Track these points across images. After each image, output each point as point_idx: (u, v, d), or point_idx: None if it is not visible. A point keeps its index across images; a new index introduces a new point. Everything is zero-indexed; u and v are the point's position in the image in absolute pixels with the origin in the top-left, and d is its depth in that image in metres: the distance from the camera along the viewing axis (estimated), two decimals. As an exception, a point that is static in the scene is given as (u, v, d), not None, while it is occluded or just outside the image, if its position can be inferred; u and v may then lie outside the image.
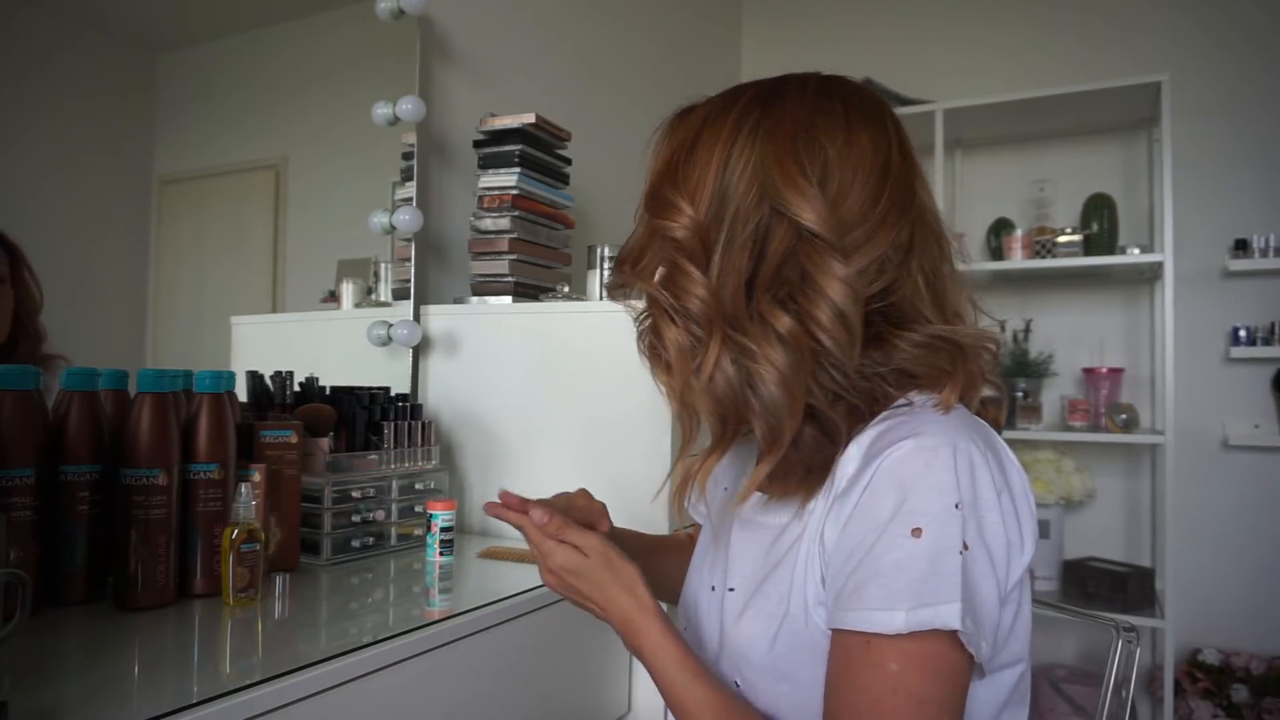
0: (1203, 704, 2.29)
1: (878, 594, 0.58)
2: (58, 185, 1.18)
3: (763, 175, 0.66)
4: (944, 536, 0.58)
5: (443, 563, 1.18)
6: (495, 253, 1.52)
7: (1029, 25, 2.80)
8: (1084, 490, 2.52)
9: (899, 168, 0.69)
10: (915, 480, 0.60)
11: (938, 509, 0.58)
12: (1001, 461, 0.64)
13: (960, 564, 0.57)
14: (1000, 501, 0.61)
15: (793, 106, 0.69)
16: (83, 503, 0.92)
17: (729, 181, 0.67)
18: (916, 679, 0.56)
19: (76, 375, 0.94)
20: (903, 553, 0.58)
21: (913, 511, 0.59)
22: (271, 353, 1.38)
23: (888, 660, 0.57)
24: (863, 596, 0.59)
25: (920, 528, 0.58)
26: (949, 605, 0.56)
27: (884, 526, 0.59)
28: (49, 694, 0.68)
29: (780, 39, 3.23)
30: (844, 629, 0.59)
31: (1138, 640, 1.14)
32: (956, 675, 0.58)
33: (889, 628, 0.57)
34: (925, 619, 0.56)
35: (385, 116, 1.52)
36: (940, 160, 2.56)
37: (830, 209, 0.65)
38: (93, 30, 1.25)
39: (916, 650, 0.56)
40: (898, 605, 0.57)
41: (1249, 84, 2.52)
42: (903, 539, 0.58)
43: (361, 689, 0.80)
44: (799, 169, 0.65)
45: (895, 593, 0.57)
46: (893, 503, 0.60)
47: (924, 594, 0.56)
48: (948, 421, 0.63)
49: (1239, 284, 2.51)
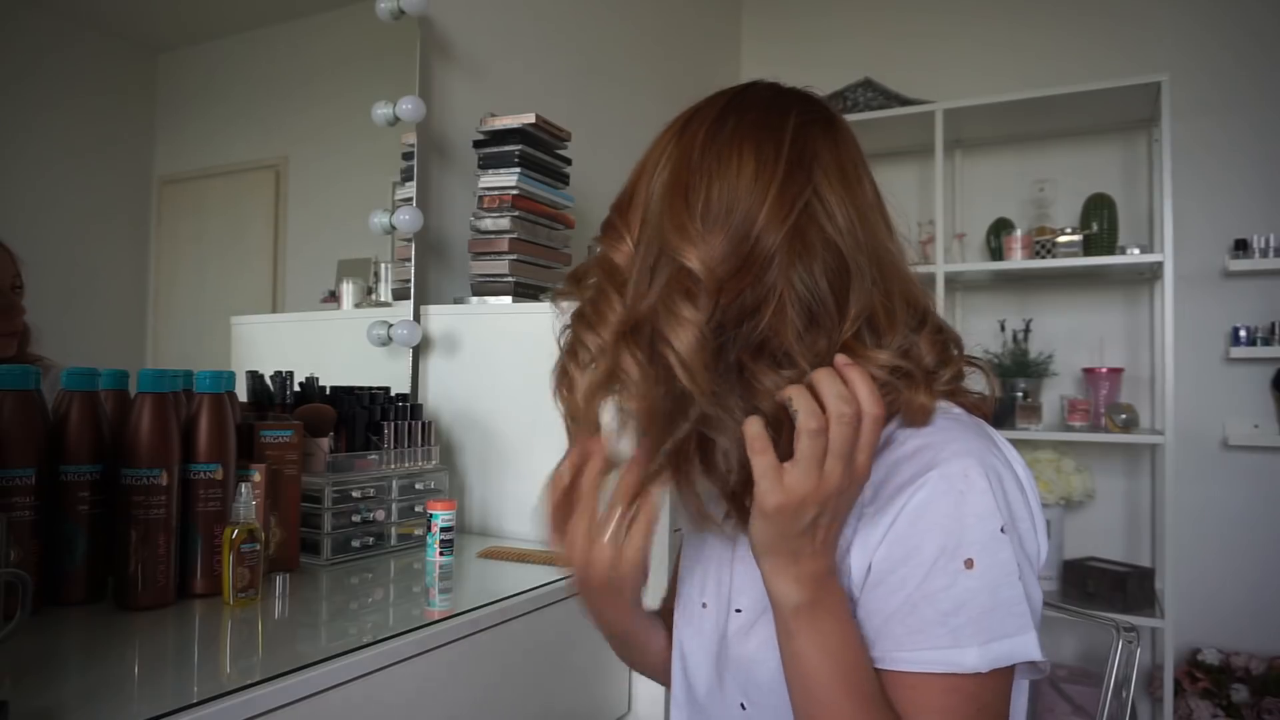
0: (1202, 704, 2.29)
1: (941, 635, 0.57)
2: (58, 185, 1.18)
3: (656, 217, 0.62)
4: (998, 564, 0.58)
5: (443, 563, 1.18)
6: (495, 253, 1.52)
7: (1029, 25, 2.80)
8: (1084, 490, 2.52)
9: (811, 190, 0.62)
10: (954, 512, 0.58)
11: (985, 537, 0.58)
12: (1010, 464, 0.63)
13: (1022, 590, 0.57)
14: (1028, 505, 0.61)
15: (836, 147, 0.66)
16: (83, 503, 0.92)
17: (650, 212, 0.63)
18: (995, 701, 0.58)
19: (76, 375, 0.94)
20: (960, 589, 0.57)
21: (961, 544, 0.58)
22: (271, 353, 1.38)
23: (966, 687, 0.57)
24: (923, 638, 0.58)
25: (971, 559, 0.57)
26: (1024, 636, 0.57)
27: (932, 563, 0.58)
28: (49, 694, 0.68)
29: (780, 39, 3.23)
30: (910, 670, 0.58)
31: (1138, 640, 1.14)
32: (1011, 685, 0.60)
33: (962, 667, 0.56)
34: (1001, 654, 0.57)
35: (385, 116, 1.52)
36: (940, 160, 2.56)
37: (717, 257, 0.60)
38: (93, 30, 1.25)
39: (991, 679, 0.57)
40: (967, 643, 0.56)
41: (1249, 84, 2.52)
42: (957, 574, 0.57)
43: (361, 689, 0.79)
44: (691, 220, 0.61)
45: (960, 630, 0.57)
46: (936, 539, 0.58)
47: (991, 628, 0.57)
48: (961, 436, 0.61)
49: (1239, 284, 2.51)
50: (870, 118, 2.68)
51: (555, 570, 1.17)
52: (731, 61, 3.23)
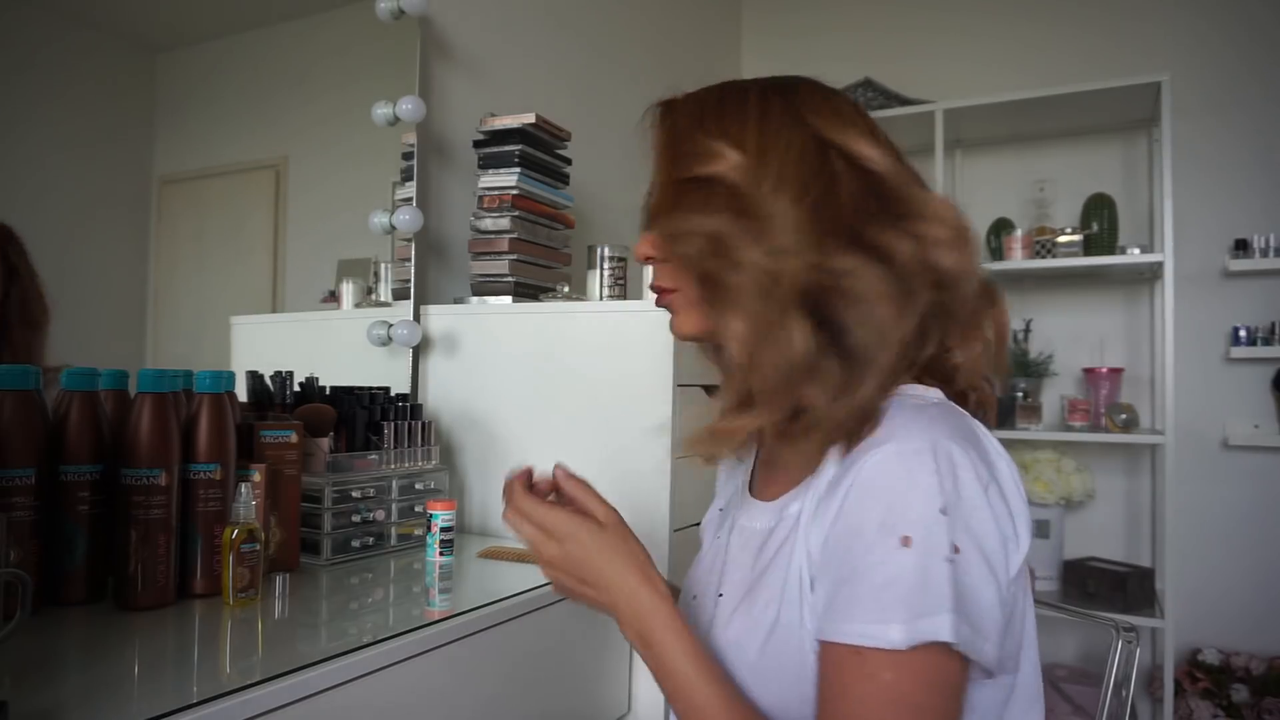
0: (1203, 704, 2.29)
1: (870, 608, 0.57)
2: (58, 184, 1.18)
3: (818, 136, 0.67)
4: (932, 544, 0.57)
5: (443, 563, 1.18)
6: (495, 253, 1.52)
7: (1029, 25, 2.80)
8: (1084, 490, 2.52)
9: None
10: (899, 487, 0.59)
11: (924, 516, 0.58)
12: (986, 455, 0.63)
13: (949, 572, 0.56)
14: (988, 497, 0.60)
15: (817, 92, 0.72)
16: (83, 503, 0.92)
17: (774, 149, 0.67)
18: (913, 689, 0.56)
19: (76, 375, 0.94)
20: (894, 565, 0.57)
21: (900, 521, 0.58)
22: (271, 353, 1.38)
23: (882, 671, 0.56)
24: (855, 610, 0.58)
25: (909, 536, 0.57)
26: (941, 616, 0.55)
27: (871, 537, 0.59)
28: (49, 694, 0.68)
29: (780, 39, 3.23)
30: (836, 641, 0.59)
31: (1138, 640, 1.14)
32: (952, 683, 0.57)
33: (885, 641, 0.56)
34: (923, 631, 0.55)
35: (385, 116, 1.52)
36: (940, 160, 2.56)
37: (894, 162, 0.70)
38: (92, 30, 1.25)
39: (910, 660, 0.56)
40: (892, 619, 0.56)
41: (1249, 84, 2.52)
42: (893, 550, 0.57)
43: (361, 689, 0.79)
44: (852, 125, 0.68)
45: (888, 606, 0.57)
46: (878, 513, 0.59)
47: (917, 606, 0.56)
48: (925, 420, 0.62)
49: (1239, 284, 2.51)
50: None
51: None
52: (732, 61, 3.23)
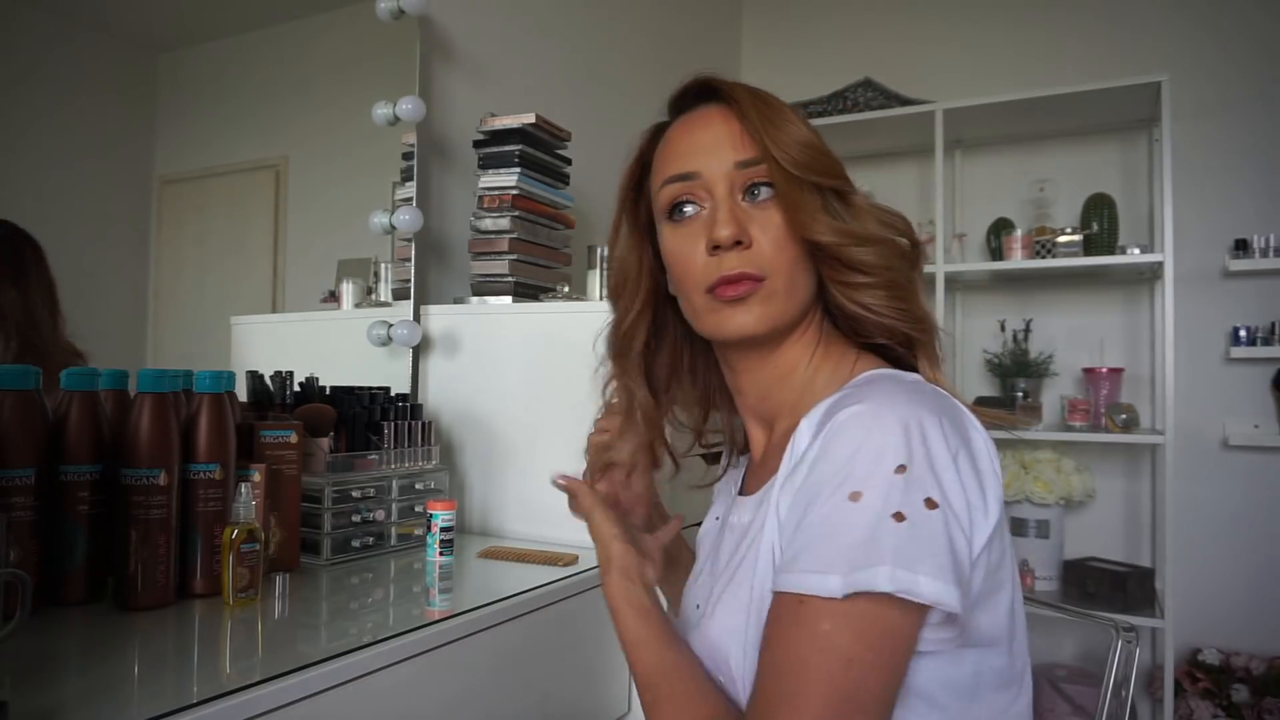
0: (1203, 704, 2.29)
1: (813, 558, 0.58)
2: (58, 185, 1.19)
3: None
4: (882, 501, 0.58)
5: (443, 563, 1.18)
6: (495, 253, 1.52)
7: (1029, 25, 2.80)
8: (1084, 490, 2.52)
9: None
10: (858, 445, 0.60)
11: (878, 473, 0.58)
12: (960, 425, 0.64)
13: (895, 528, 0.57)
14: (957, 463, 0.60)
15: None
16: (83, 503, 0.92)
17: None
18: (846, 640, 0.56)
19: (76, 375, 0.94)
20: (840, 517, 0.58)
21: (853, 476, 0.59)
22: (271, 353, 1.38)
23: (820, 620, 0.57)
24: (801, 560, 0.59)
25: (860, 492, 0.58)
26: (881, 568, 0.56)
27: (824, 491, 0.60)
28: (49, 694, 0.68)
29: (780, 38, 3.23)
30: (781, 590, 0.60)
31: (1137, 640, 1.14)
32: (891, 639, 0.57)
33: (823, 590, 0.57)
34: (858, 582, 0.56)
35: (385, 116, 1.52)
36: (940, 160, 2.56)
37: None
38: (93, 30, 1.25)
39: (848, 611, 0.56)
40: (833, 569, 0.57)
41: (1249, 84, 2.52)
42: (841, 503, 0.58)
43: (361, 689, 0.80)
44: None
45: (830, 556, 0.57)
46: (834, 467, 0.60)
47: (858, 559, 0.56)
48: (899, 388, 0.64)
49: (1239, 284, 2.51)
50: (870, 118, 2.68)
51: (555, 570, 1.17)
52: (732, 61, 3.23)
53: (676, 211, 0.74)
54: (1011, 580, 0.66)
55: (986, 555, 0.62)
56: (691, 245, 0.72)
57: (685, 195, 0.73)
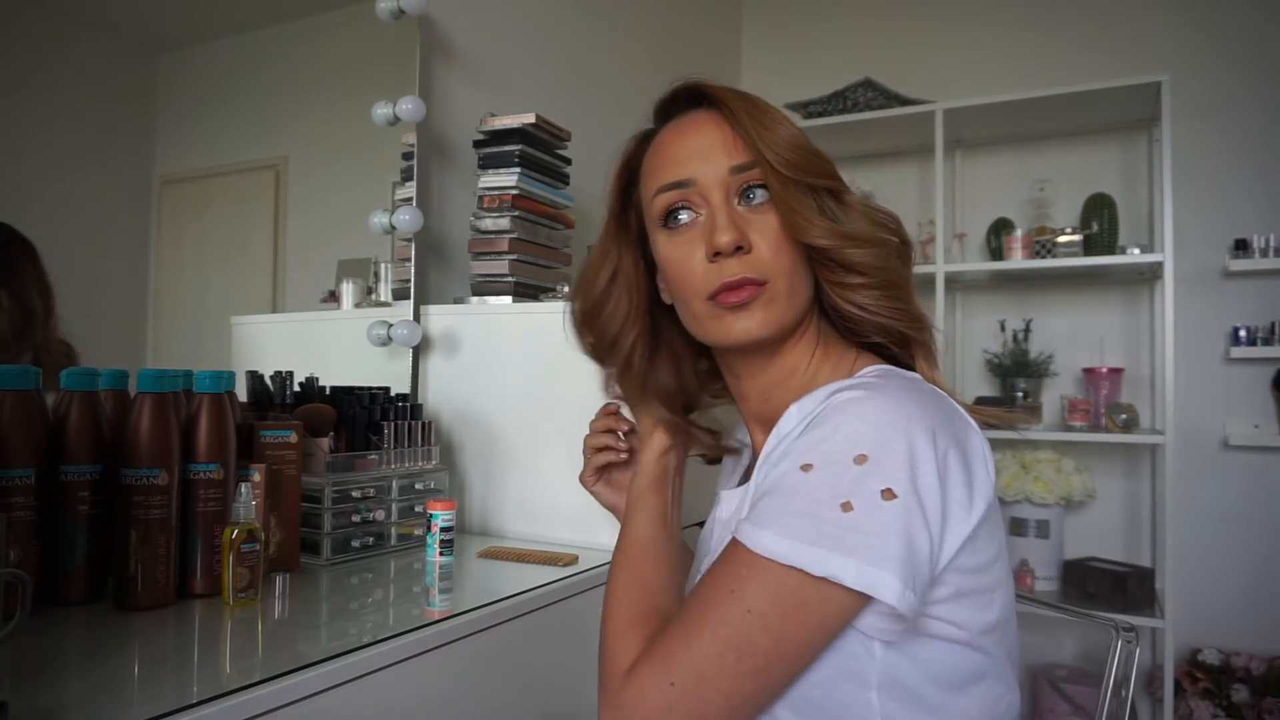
0: (1203, 704, 2.29)
1: (759, 514, 0.60)
2: (58, 185, 1.18)
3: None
4: (832, 484, 0.58)
5: (443, 563, 1.18)
6: (495, 253, 1.52)
7: (1029, 26, 2.80)
8: (1084, 490, 2.52)
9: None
10: (831, 425, 0.61)
11: (836, 455, 0.59)
12: (955, 425, 0.64)
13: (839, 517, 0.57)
14: (945, 461, 0.60)
15: None
16: (83, 503, 0.92)
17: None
18: (752, 589, 0.58)
19: (76, 375, 0.94)
20: (788, 482, 0.60)
21: (813, 450, 0.60)
22: (271, 353, 1.38)
23: (739, 566, 0.59)
24: (751, 514, 0.61)
25: (811, 464, 0.60)
26: (815, 550, 0.56)
27: (791, 456, 0.62)
28: (49, 694, 0.68)
29: (780, 38, 3.23)
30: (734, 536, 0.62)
31: (1137, 640, 1.14)
32: (802, 609, 0.57)
33: (751, 542, 0.59)
34: (783, 550, 0.57)
35: (385, 116, 1.52)
36: (940, 160, 2.56)
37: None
38: (94, 31, 1.25)
39: (767, 569, 0.58)
40: (767, 526, 0.59)
41: (1248, 84, 2.52)
42: (794, 471, 0.60)
43: (361, 689, 0.80)
44: None
45: (769, 514, 0.59)
46: (809, 441, 0.62)
47: (790, 527, 0.58)
48: (891, 383, 0.65)
49: (1239, 284, 2.51)
50: (870, 118, 2.68)
51: (555, 570, 1.17)
52: (732, 60, 3.23)
53: (671, 219, 0.73)
54: (1005, 582, 0.66)
55: (972, 555, 0.62)
56: (689, 252, 0.72)
57: (680, 202, 0.73)
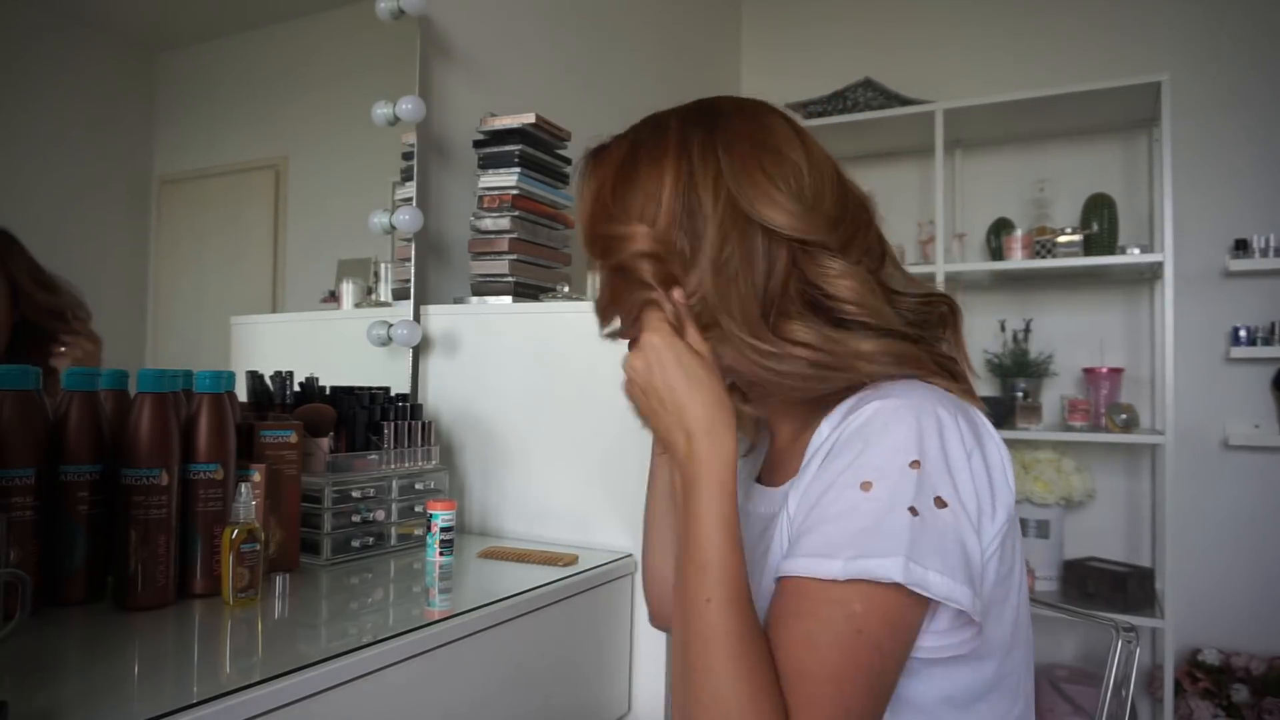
0: (1203, 704, 2.29)
1: (819, 541, 0.58)
2: (58, 185, 1.18)
3: (733, 192, 0.66)
4: (894, 494, 0.58)
5: (443, 563, 1.18)
6: (495, 253, 1.52)
7: (1029, 25, 2.80)
8: (1084, 490, 2.52)
9: (840, 170, 0.72)
10: (873, 437, 0.61)
11: (890, 465, 0.59)
12: (976, 429, 0.64)
13: (909, 521, 0.57)
14: (970, 464, 0.61)
15: (739, 123, 0.70)
16: (83, 503, 0.92)
17: (694, 198, 0.67)
18: (878, 625, 0.56)
19: (76, 375, 0.94)
20: (847, 504, 0.59)
21: (865, 466, 0.59)
22: (271, 353, 1.38)
23: (851, 601, 0.57)
24: (806, 544, 0.59)
25: (870, 481, 0.59)
26: (890, 559, 0.56)
27: (836, 479, 0.60)
28: (49, 694, 0.68)
29: (780, 38, 3.23)
30: (786, 574, 0.60)
31: (1137, 640, 1.14)
32: (896, 625, 0.57)
33: (824, 573, 0.57)
34: (862, 569, 0.56)
35: (385, 116, 1.52)
36: (940, 160, 2.56)
37: (810, 213, 0.66)
38: (92, 30, 1.25)
39: (851, 595, 0.56)
40: (836, 554, 0.57)
41: (1249, 84, 2.52)
42: (850, 490, 0.59)
43: (361, 689, 0.79)
44: (768, 180, 0.67)
45: (835, 541, 0.58)
46: (849, 458, 0.61)
47: (865, 546, 0.57)
48: (920, 387, 0.64)
49: (1239, 284, 2.51)
50: (870, 118, 2.68)
51: (555, 570, 1.17)
52: (732, 61, 3.23)
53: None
54: (1019, 590, 0.66)
55: (996, 561, 0.62)
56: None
57: None
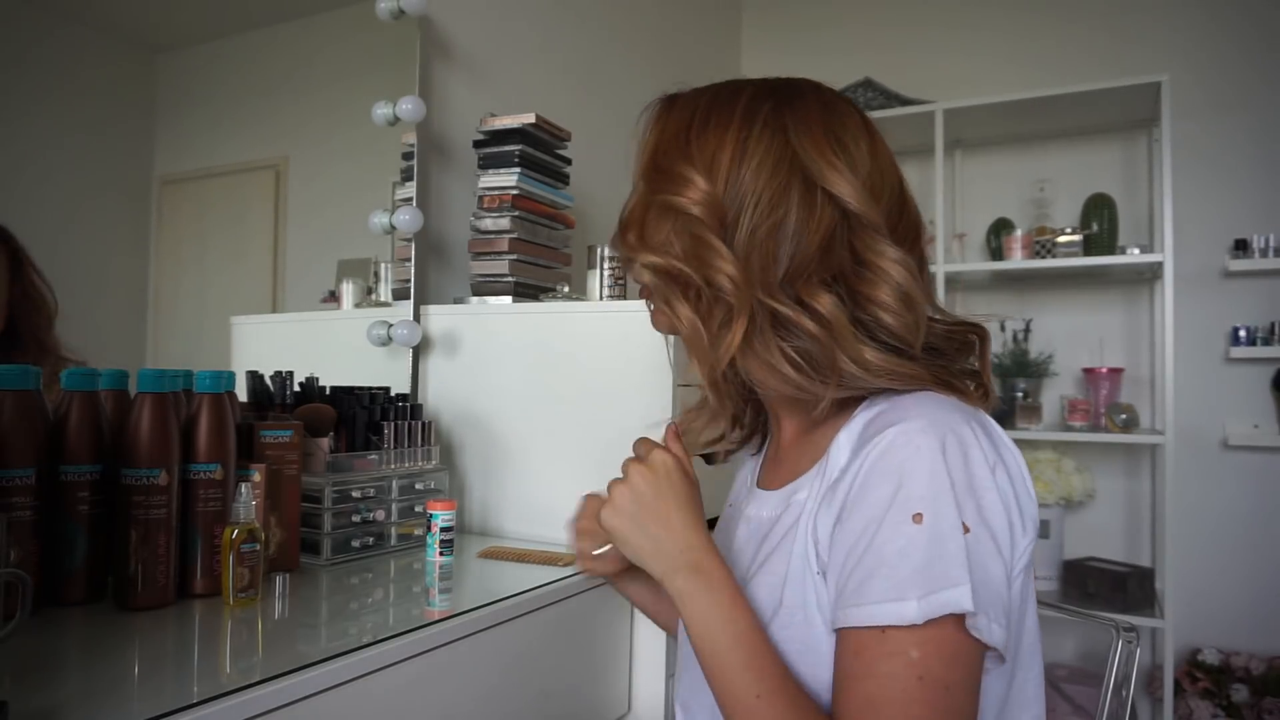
0: (1202, 704, 2.29)
1: (885, 586, 0.57)
2: (58, 186, 1.18)
3: (795, 159, 0.66)
4: (944, 519, 0.57)
5: (443, 563, 1.18)
6: (495, 253, 1.52)
7: (1029, 25, 2.80)
8: (1084, 490, 2.52)
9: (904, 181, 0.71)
10: (908, 465, 0.59)
11: (933, 492, 0.58)
12: (995, 443, 0.64)
13: (964, 544, 0.56)
14: (996, 479, 0.60)
15: (810, 104, 0.70)
16: (83, 503, 0.92)
17: (748, 165, 0.67)
18: (939, 665, 0.55)
19: (76, 375, 0.94)
20: (905, 540, 0.57)
21: (910, 497, 0.58)
22: (271, 353, 1.38)
23: (907, 649, 0.55)
24: (870, 590, 0.57)
25: (920, 513, 0.57)
26: (960, 588, 0.55)
27: (882, 516, 0.59)
28: (49, 694, 0.68)
29: (780, 39, 3.23)
30: (854, 625, 0.58)
31: (1138, 640, 1.14)
32: (971, 657, 0.57)
33: (902, 618, 0.55)
34: (940, 604, 0.55)
35: (385, 116, 1.52)
36: (940, 160, 2.56)
37: (871, 197, 0.66)
38: (92, 29, 1.25)
39: (934, 636, 0.55)
40: (908, 594, 0.56)
41: (1249, 84, 2.52)
42: (904, 525, 0.58)
43: (361, 689, 0.79)
44: (835, 154, 0.66)
45: (903, 582, 0.56)
46: (888, 491, 0.59)
47: (932, 579, 0.56)
48: (936, 404, 0.63)
49: (1239, 284, 2.51)
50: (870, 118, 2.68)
51: (555, 570, 1.17)
52: (732, 61, 3.23)
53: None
54: (1032, 603, 0.66)
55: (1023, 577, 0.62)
56: None
57: None
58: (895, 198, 0.69)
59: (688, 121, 0.71)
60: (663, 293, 0.71)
